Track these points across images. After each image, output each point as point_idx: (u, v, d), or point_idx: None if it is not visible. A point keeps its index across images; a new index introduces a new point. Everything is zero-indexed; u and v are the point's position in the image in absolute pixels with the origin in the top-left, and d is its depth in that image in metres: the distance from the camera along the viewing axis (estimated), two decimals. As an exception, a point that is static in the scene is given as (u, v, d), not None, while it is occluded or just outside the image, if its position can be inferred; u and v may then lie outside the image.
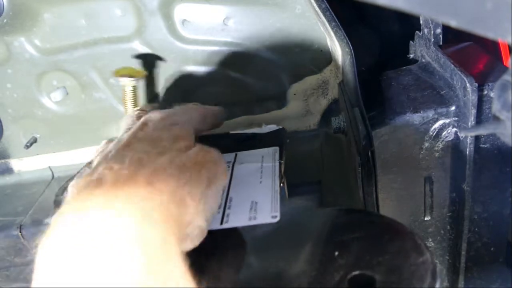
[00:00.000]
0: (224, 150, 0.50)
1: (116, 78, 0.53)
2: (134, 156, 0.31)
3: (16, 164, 0.65)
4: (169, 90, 0.58)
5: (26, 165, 0.66)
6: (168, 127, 0.37)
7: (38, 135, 0.62)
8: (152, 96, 0.59)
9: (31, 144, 0.62)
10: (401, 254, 0.31)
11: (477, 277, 0.53)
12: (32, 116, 0.61)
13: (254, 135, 0.54)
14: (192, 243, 0.32)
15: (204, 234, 0.33)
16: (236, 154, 0.49)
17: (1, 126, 0.62)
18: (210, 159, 0.36)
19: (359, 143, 0.43)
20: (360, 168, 0.43)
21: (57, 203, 0.42)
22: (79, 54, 0.56)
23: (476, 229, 0.50)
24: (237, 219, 0.37)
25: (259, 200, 0.39)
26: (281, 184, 0.42)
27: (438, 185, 0.49)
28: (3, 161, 0.65)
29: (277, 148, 0.49)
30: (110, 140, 0.39)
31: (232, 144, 0.53)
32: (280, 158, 0.46)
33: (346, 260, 0.31)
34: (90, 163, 0.35)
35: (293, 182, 0.60)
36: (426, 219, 0.51)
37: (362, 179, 0.44)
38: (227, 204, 0.40)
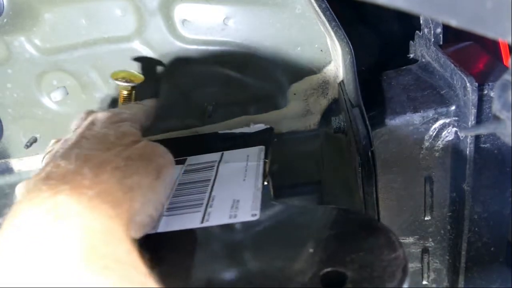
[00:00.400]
0: (212, 149, 0.51)
1: (113, 80, 0.53)
2: (80, 153, 0.33)
3: (16, 164, 0.65)
4: (169, 90, 0.58)
5: (26, 165, 0.66)
6: (115, 125, 0.38)
7: (38, 135, 0.62)
8: (151, 96, 0.59)
9: (31, 144, 0.62)
10: (374, 250, 0.31)
11: (477, 277, 0.53)
12: (32, 116, 0.61)
13: (242, 134, 0.54)
14: (143, 231, 0.34)
15: (155, 222, 0.36)
16: (222, 154, 0.49)
17: (1, 126, 0.62)
18: (157, 153, 0.38)
19: (359, 143, 0.43)
20: (360, 168, 0.43)
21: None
22: (79, 54, 0.56)
23: (476, 229, 0.50)
24: (218, 218, 0.38)
25: (240, 198, 0.40)
26: (265, 183, 0.42)
27: (438, 185, 0.49)
28: (3, 161, 0.65)
29: (263, 147, 0.49)
30: (58, 140, 0.41)
31: (219, 143, 0.54)
32: (265, 157, 0.47)
33: (320, 257, 0.31)
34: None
35: (293, 182, 0.60)
36: (426, 219, 0.51)
37: (362, 179, 0.44)
38: (209, 202, 0.40)
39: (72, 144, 0.35)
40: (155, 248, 0.36)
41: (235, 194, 0.41)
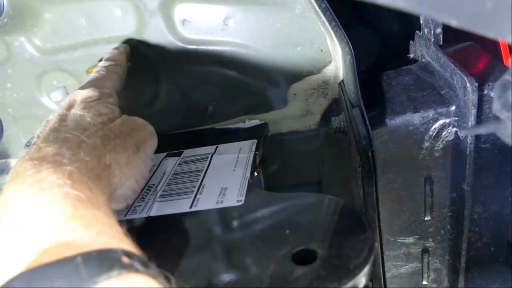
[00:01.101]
0: (208, 142, 0.54)
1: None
2: (59, 136, 0.35)
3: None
4: (169, 90, 0.58)
5: (26, 165, 0.65)
6: (92, 104, 0.40)
7: (38, 135, 0.62)
8: (152, 97, 0.59)
9: (31, 144, 0.62)
10: (344, 231, 0.34)
11: (477, 277, 0.53)
12: (32, 116, 0.61)
13: (237, 129, 0.57)
14: (126, 203, 0.38)
15: (137, 194, 0.39)
16: (217, 147, 0.52)
17: (1, 126, 0.62)
18: (136, 127, 0.40)
19: (359, 143, 0.43)
20: (360, 168, 0.43)
21: None
22: (79, 54, 0.56)
23: (476, 229, 0.50)
24: (206, 203, 0.41)
25: (228, 186, 0.43)
26: (256, 173, 0.44)
27: (438, 185, 0.49)
28: (3, 161, 0.65)
29: (255, 140, 0.51)
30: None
31: (215, 137, 0.56)
32: (257, 149, 0.49)
33: (295, 237, 0.34)
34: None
35: (293, 182, 0.60)
36: (426, 219, 0.51)
37: (362, 179, 0.44)
38: (199, 190, 0.44)
39: (51, 127, 0.37)
40: (146, 230, 0.39)
41: (224, 182, 0.44)
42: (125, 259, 0.24)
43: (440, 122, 0.45)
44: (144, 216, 0.41)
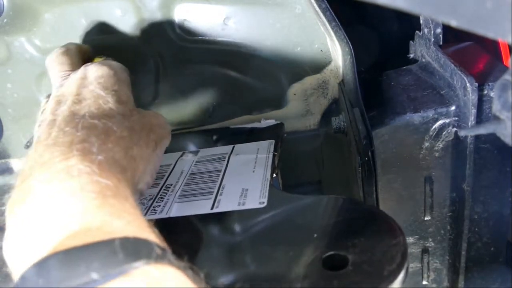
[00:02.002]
0: (223, 142, 0.53)
1: None
2: (84, 121, 0.33)
3: (16, 164, 0.65)
4: (169, 90, 0.58)
5: (26, 165, 0.65)
6: (111, 88, 0.38)
7: (38, 135, 0.62)
8: (152, 97, 0.59)
9: (31, 144, 0.62)
10: (375, 236, 0.32)
11: (477, 277, 0.53)
12: (32, 116, 0.61)
13: (252, 129, 0.56)
14: (141, 197, 0.36)
15: (149, 187, 0.37)
16: (233, 146, 0.51)
17: (1, 126, 0.62)
18: (157, 123, 0.39)
19: (359, 143, 0.43)
20: (360, 168, 0.43)
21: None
22: (79, 54, 0.56)
23: (476, 229, 0.50)
24: (227, 205, 0.40)
25: (249, 187, 0.42)
26: (274, 175, 0.44)
27: (438, 185, 0.49)
28: (3, 161, 0.65)
29: (273, 141, 0.50)
30: (48, 96, 0.41)
31: (231, 137, 0.55)
32: (275, 150, 0.48)
33: (324, 242, 0.33)
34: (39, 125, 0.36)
35: (293, 182, 0.60)
36: (426, 219, 0.51)
37: (362, 179, 0.44)
38: (219, 191, 0.43)
39: (70, 106, 0.35)
40: (167, 231, 0.37)
41: (244, 183, 0.43)
42: (158, 251, 0.24)
43: (440, 122, 0.45)
44: (164, 217, 0.40)
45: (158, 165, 0.39)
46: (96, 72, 0.39)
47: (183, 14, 0.54)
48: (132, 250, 0.23)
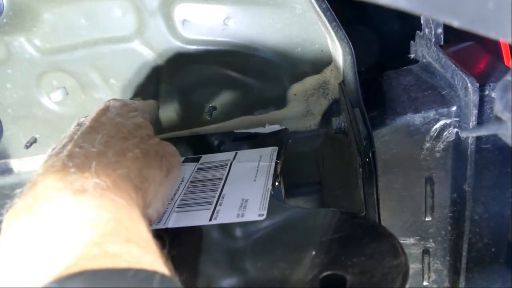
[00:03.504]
0: (227, 148, 0.52)
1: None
2: (101, 139, 0.33)
3: (16, 164, 0.65)
4: (169, 90, 0.58)
5: (26, 165, 0.65)
6: (130, 115, 0.39)
7: (38, 135, 0.62)
8: (152, 97, 0.59)
9: (31, 144, 0.62)
10: (376, 256, 0.31)
11: (478, 278, 0.53)
12: (32, 116, 0.61)
13: (256, 134, 0.55)
14: (149, 224, 0.35)
15: (159, 218, 0.37)
16: (236, 153, 0.50)
17: (1, 126, 0.62)
18: (169, 152, 0.39)
19: (359, 144, 0.43)
20: (360, 169, 0.43)
21: None
22: (79, 54, 0.56)
23: (477, 229, 0.50)
24: (226, 216, 0.39)
25: (249, 198, 0.41)
26: (277, 183, 0.43)
27: (439, 186, 0.49)
28: (3, 161, 0.65)
29: (276, 148, 0.49)
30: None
31: (234, 142, 0.54)
32: (278, 158, 0.47)
33: (322, 260, 0.32)
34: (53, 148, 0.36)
35: (293, 182, 0.60)
36: (427, 219, 0.51)
37: (362, 179, 0.44)
38: (219, 201, 0.42)
39: (89, 127, 0.36)
40: (164, 242, 0.36)
41: (245, 193, 0.42)
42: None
43: (441, 122, 0.45)
44: (162, 228, 0.39)
45: (170, 194, 0.39)
46: (116, 103, 0.41)
47: (183, 14, 0.54)
48: (155, 283, 0.24)
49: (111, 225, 0.26)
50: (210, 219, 0.39)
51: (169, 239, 0.37)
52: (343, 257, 0.31)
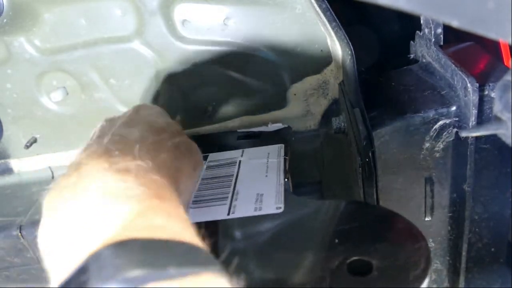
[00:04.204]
0: (232, 146, 0.53)
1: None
2: (138, 132, 0.35)
3: (16, 164, 0.65)
4: (169, 90, 0.58)
5: (26, 165, 0.65)
6: (160, 115, 0.42)
7: (38, 135, 0.62)
8: (152, 97, 0.59)
9: (31, 144, 0.62)
10: (397, 241, 0.32)
11: (478, 278, 0.53)
12: (32, 116, 0.61)
13: (260, 133, 0.56)
14: None
15: (186, 208, 0.38)
16: (243, 151, 0.51)
17: (1, 126, 0.62)
18: (195, 150, 0.41)
19: (359, 144, 0.43)
20: (360, 169, 0.43)
21: None
22: (79, 54, 0.56)
23: (477, 229, 0.50)
24: (243, 210, 0.40)
25: (264, 192, 0.42)
26: (286, 179, 0.43)
27: (439, 186, 0.49)
28: (3, 161, 0.65)
29: (283, 145, 0.50)
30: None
31: (239, 141, 0.55)
32: (285, 154, 0.48)
33: (346, 247, 0.33)
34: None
35: (294, 182, 0.60)
36: (426, 219, 0.51)
37: (362, 179, 0.44)
38: (234, 196, 0.42)
39: (124, 123, 0.37)
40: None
41: (259, 188, 0.43)
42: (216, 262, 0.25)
43: (441, 122, 0.45)
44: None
45: (195, 188, 0.41)
46: (145, 106, 0.44)
47: (183, 14, 0.54)
48: (199, 256, 0.25)
49: (154, 201, 0.27)
50: (228, 213, 0.40)
51: None
52: (366, 244, 0.32)
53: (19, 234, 0.54)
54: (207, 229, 0.38)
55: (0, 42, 0.55)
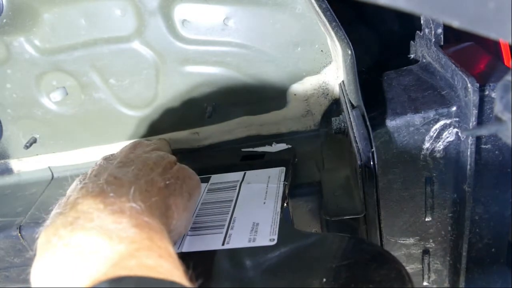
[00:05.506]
0: (234, 167, 0.53)
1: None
2: (132, 172, 0.37)
3: (16, 164, 0.65)
4: (169, 90, 0.58)
5: (26, 165, 0.65)
6: (154, 150, 0.45)
7: (38, 135, 0.62)
8: (152, 97, 0.59)
9: (30, 144, 0.62)
10: (383, 283, 0.32)
11: (478, 278, 0.53)
12: (32, 116, 0.61)
13: (264, 153, 0.56)
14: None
15: (180, 237, 0.41)
16: (244, 173, 0.51)
17: (1, 126, 0.62)
18: (188, 175, 0.43)
19: (359, 144, 0.43)
20: (360, 169, 0.43)
21: None
22: (79, 54, 0.56)
23: (477, 230, 0.50)
24: (238, 240, 0.40)
25: (260, 221, 0.42)
26: (285, 205, 0.44)
27: (439, 186, 0.49)
28: (3, 161, 0.65)
29: (284, 168, 0.51)
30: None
31: (242, 161, 0.56)
32: (286, 178, 0.48)
33: (332, 286, 0.33)
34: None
35: (294, 183, 0.60)
36: (427, 220, 0.51)
37: (362, 180, 0.44)
38: (230, 224, 0.43)
39: (120, 162, 0.40)
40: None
41: (255, 217, 0.43)
42: None
43: (441, 122, 0.45)
44: (176, 252, 0.40)
45: (192, 215, 0.42)
46: (142, 143, 0.48)
47: (183, 14, 0.54)
48: None
49: (145, 242, 0.29)
50: (223, 244, 0.40)
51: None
52: (353, 284, 0.33)
53: (19, 234, 0.54)
54: (199, 260, 0.38)
55: (0, 42, 0.55)
